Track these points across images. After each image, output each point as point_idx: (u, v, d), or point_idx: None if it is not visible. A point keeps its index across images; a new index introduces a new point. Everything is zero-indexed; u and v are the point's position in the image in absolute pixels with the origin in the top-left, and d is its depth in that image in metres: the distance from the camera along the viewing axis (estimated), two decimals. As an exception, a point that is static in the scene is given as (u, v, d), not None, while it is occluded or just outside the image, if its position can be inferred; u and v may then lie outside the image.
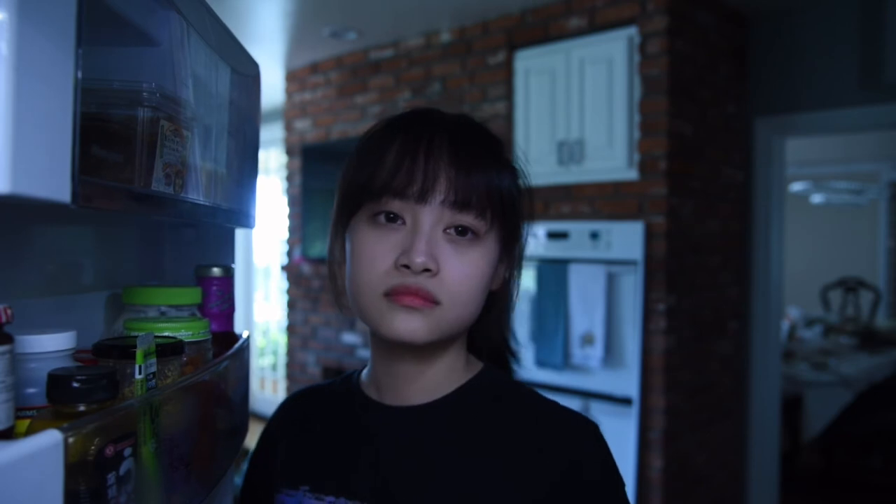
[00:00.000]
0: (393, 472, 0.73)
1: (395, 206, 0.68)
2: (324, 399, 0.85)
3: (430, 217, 0.68)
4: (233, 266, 0.99)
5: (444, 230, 0.69)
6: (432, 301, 0.67)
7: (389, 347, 0.75)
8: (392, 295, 0.67)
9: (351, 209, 0.72)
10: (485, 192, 0.69)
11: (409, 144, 0.69)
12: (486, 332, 0.81)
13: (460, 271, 0.68)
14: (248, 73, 1.01)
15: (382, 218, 0.69)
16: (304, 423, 0.83)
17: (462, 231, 0.69)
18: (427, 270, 0.66)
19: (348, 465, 0.75)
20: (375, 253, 0.68)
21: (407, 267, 0.66)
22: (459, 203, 0.68)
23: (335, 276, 0.78)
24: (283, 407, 0.89)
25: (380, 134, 0.73)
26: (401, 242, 0.68)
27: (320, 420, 0.82)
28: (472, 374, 0.78)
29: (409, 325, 0.68)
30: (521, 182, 0.77)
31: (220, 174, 0.88)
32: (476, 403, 0.75)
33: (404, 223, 0.68)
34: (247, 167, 1.02)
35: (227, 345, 0.90)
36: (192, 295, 0.84)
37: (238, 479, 1.10)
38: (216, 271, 0.93)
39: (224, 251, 1.11)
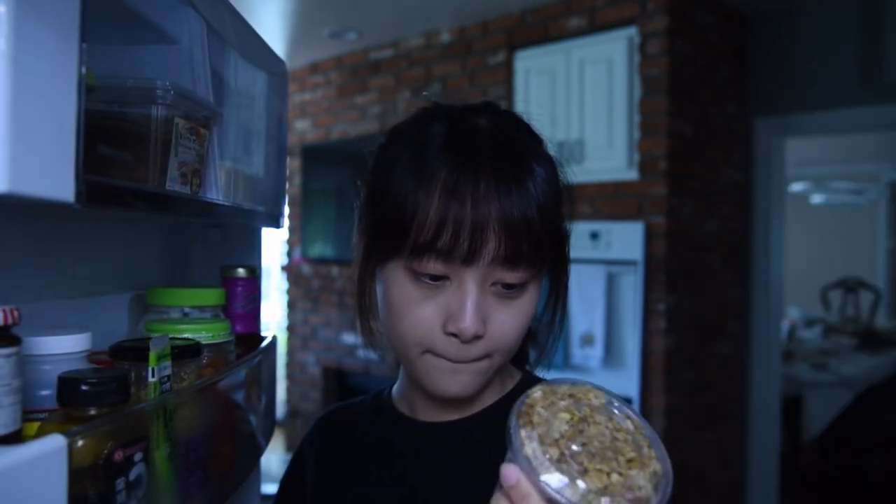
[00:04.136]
0: (425, 490, 0.71)
1: (439, 268, 0.62)
2: (353, 418, 0.82)
3: (477, 276, 0.62)
4: (259, 267, 0.99)
5: (491, 284, 0.63)
6: (481, 359, 0.65)
7: None
8: (440, 357, 0.65)
9: (385, 254, 0.65)
10: (535, 238, 0.62)
11: (453, 197, 0.60)
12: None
13: (509, 324, 0.65)
14: (273, 72, 1.00)
15: (426, 278, 0.63)
16: (333, 444, 0.81)
17: (510, 284, 0.64)
18: (477, 337, 0.63)
19: (379, 483, 0.73)
20: (420, 314, 0.63)
21: (455, 335, 0.62)
22: (510, 259, 0.61)
23: (366, 315, 0.72)
24: (314, 428, 0.86)
25: (416, 165, 0.63)
26: (446, 303, 0.63)
27: (350, 439, 0.80)
28: (511, 386, 0.75)
29: (457, 385, 0.66)
30: (560, 179, 0.70)
31: (243, 173, 0.88)
32: None
33: (448, 279, 0.63)
34: (272, 166, 1.01)
35: (252, 346, 0.90)
36: (215, 296, 0.83)
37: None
38: (241, 272, 0.93)
39: (251, 251, 1.11)
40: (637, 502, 0.45)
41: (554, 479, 0.45)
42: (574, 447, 0.46)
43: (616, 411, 0.51)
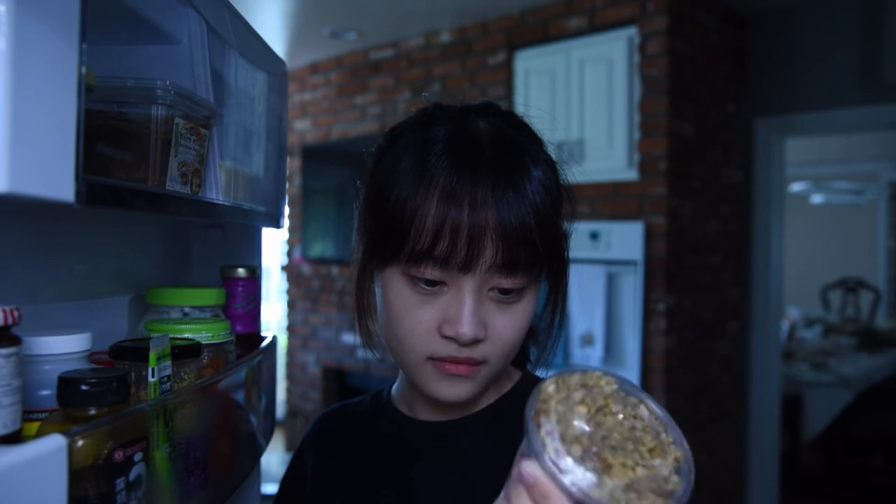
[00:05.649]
0: (426, 489, 0.70)
1: (436, 274, 0.62)
2: (353, 418, 0.82)
3: (475, 283, 0.62)
4: (259, 267, 0.99)
5: (489, 290, 0.63)
6: (480, 363, 0.64)
7: None
8: (438, 361, 0.64)
9: (384, 258, 0.65)
10: (533, 245, 0.62)
11: (451, 203, 0.60)
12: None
13: (508, 328, 0.64)
14: (273, 72, 1.00)
15: (423, 284, 0.63)
16: (332, 444, 0.81)
17: (508, 290, 0.63)
18: (476, 341, 0.63)
19: (380, 483, 0.73)
20: (418, 318, 0.63)
21: (453, 338, 0.62)
22: (507, 266, 0.61)
23: (364, 317, 0.72)
24: (313, 427, 0.86)
25: (415, 169, 0.63)
26: (443, 307, 0.63)
27: (350, 440, 0.80)
28: (510, 385, 0.75)
29: (455, 390, 0.65)
30: (560, 180, 0.69)
31: (243, 173, 0.88)
32: (515, 415, 0.69)
33: (446, 285, 0.63)
34: (272, 166, 1.01)
35: (252, 346, 0.91)
36: (214, 296, 0.83)
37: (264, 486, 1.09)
38: (241, 272, 0.93)
39: (251, 251, 1.11)
40: (664, 495, 0.45)
41: (580, 479, 0.44)
42: (595, 442, 0.46)
43: (629, 396, 0.50)
